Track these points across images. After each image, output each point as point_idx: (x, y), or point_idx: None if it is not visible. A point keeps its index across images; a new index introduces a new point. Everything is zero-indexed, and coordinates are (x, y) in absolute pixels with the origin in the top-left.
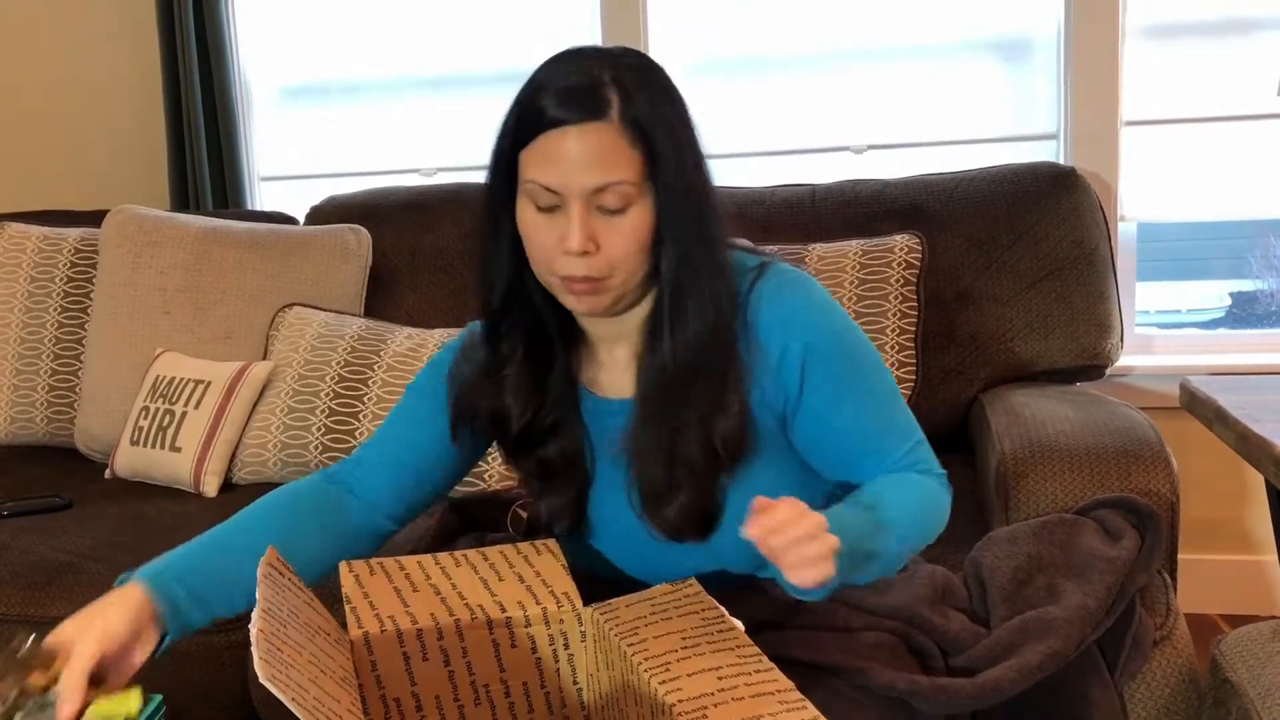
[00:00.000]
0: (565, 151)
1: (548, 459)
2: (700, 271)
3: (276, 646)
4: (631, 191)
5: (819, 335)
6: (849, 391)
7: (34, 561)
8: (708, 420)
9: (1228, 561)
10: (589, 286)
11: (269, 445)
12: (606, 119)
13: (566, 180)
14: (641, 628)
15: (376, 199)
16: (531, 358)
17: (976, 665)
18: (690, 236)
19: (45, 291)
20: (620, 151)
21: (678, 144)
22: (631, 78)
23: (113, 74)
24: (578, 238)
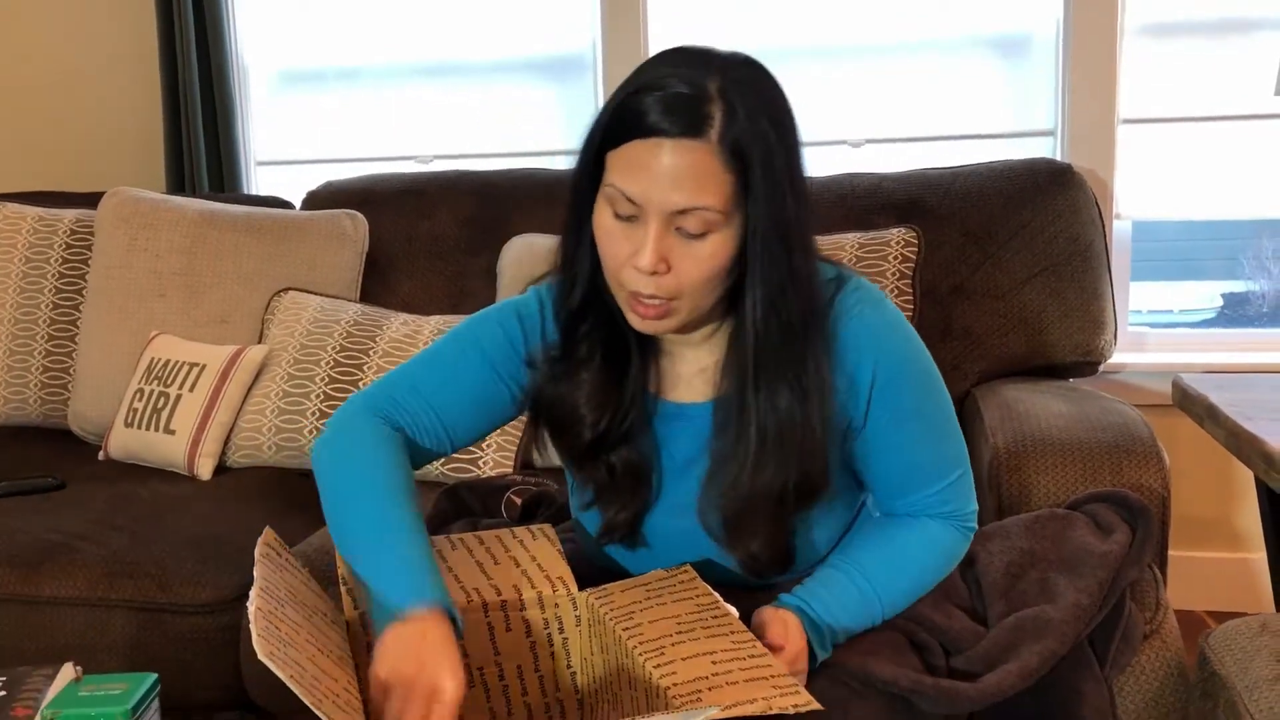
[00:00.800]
0: (655, 164)
1: (614, 468)
2: (785, 312)
3: (274, 625)
4: (715, 219)
5: (893, 360)
6: (910, 420)
7: (27, 541)
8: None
9: (1216, 559)
10: (653, 310)
11: (264, 429)
12: (704, 138)
13: (650, 194)
14: (636, 612)
15: (373, 185)
16: (609, 363)
17: (975, 667)
18: (777, 273)
19: (40, 272)
20: (712, 176)
21: (775, 171)
22: (737, 92)
23: (110, 56)
24: (650, 257)
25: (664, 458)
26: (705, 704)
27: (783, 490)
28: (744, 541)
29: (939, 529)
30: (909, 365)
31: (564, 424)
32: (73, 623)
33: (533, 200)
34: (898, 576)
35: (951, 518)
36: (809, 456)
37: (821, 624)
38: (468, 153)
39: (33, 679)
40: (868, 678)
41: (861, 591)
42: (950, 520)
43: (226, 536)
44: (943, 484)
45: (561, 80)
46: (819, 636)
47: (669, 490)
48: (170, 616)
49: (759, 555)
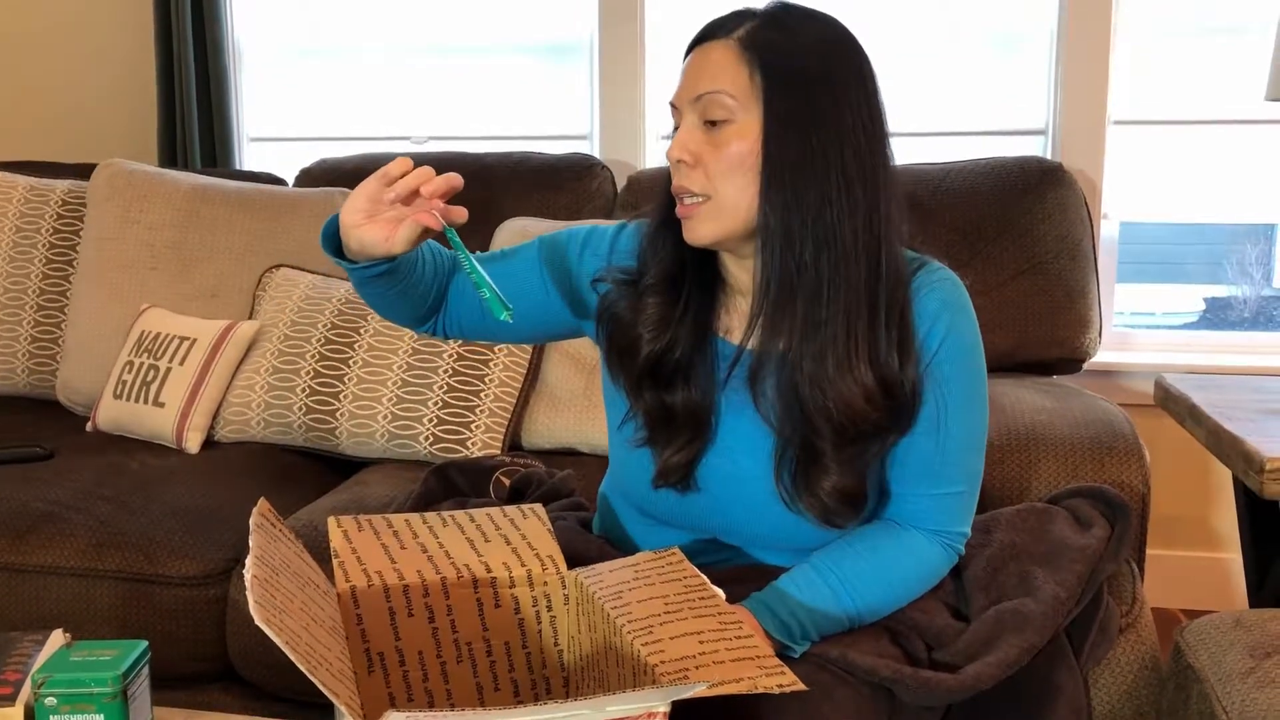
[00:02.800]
0: (688, 67)
1: (673, 405)
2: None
3: (270, 593)
4: (731, 104)
5: (959, 338)
6: (952, 410)
7: (14, 509)
8: (817, 359)
9: (1192, 558)
10: (692, 209)
11: (253, 404)
12: (726, 37)
13: (680, 90)
14: (625, 592)
15: (367, 164)
16: (673, 293)
17: (956, 660)
18: (790, 182)
19: (31, 242)
20: (729, 66)
21: (796, 89)
22: (787, 21)
23: (105, 28)
24: (675, 144)
25: (726, 400)
26: (692, 681)
27: (831, 433)
28: (810, 490)
29: (926, 544)
30: (972, 351)
31: (623, 345)
32: (60, 592)
33: (526, 184)
34: (874, 584)
35: (942, 534)
36: (845, 396)
37: (788, 618)
38: (462, 135)
39: (22, 644)
40: (849, 666)
41: (835, 592)
42: (940, 537)
43: (214, 510)
44: (951, 490)
45: (558, 65)
46: (787, 631)
47: (726, 431)
48: (157, 588)
49: (827, 501)
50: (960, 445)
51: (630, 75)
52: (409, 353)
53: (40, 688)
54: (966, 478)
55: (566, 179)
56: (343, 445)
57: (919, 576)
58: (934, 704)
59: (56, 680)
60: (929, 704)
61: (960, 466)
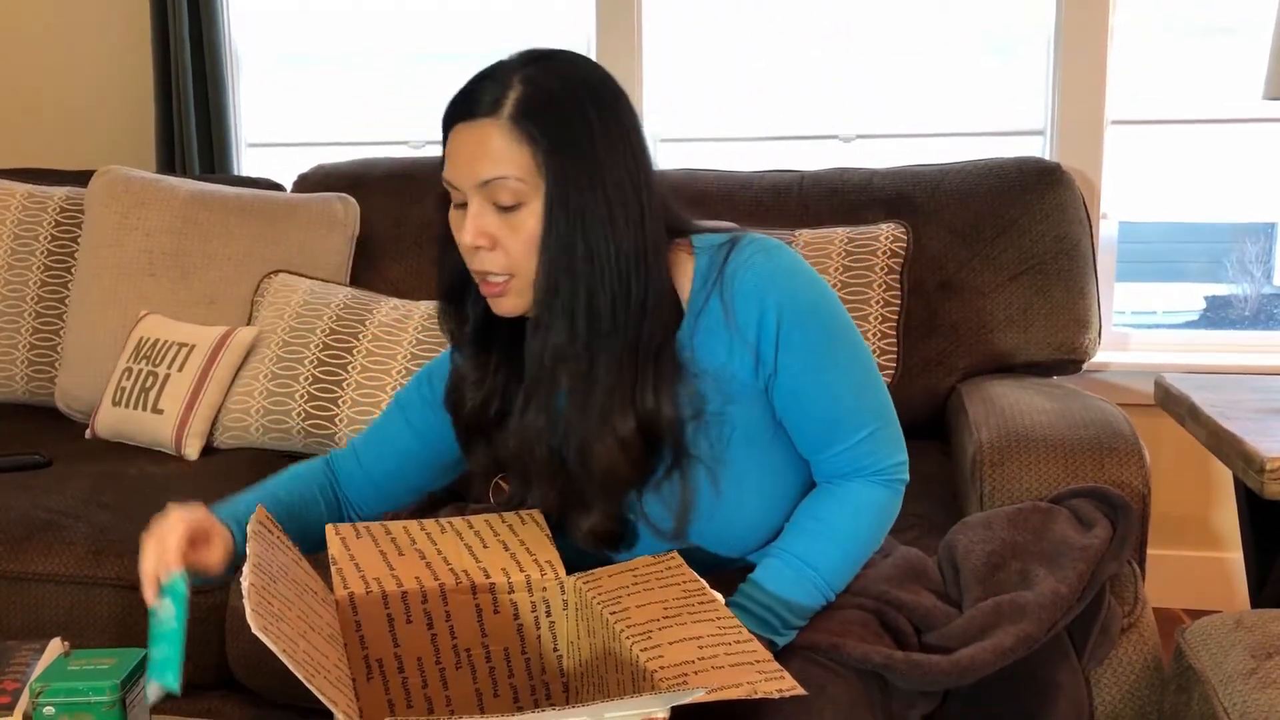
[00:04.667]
0: (458, 146)
1: (501, 456)
2: (575, 285)
3: (267, 600)
4: (522, 188)
5: (795, 301)
6: (823, 365)
7: (13, 518)
8: (583, 428)
9: (1193, 558)
10: (497, 288)
11: (251, 411)
12: (495, 115)
13: (457, 175)
14: (624, 597)
15: (364, 169)
16: (479, 338)
17: (950, 644)
18: (569, 243)
19: (29, 249)
20: (508, 147)
21: (576, 144)
22: (540, 74)
23: (103, 34)
24: (469, 231)
25: None
26: (691, 687)
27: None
28: (575, 528)
29: (864, 490)
30: (811, 306)
31: (453, 412)
32: (59, 600)
33: None
34: (832, 550)
35: (877, 473)
36: (603, 459)
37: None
38: None
39: (21, 653)
40: (840, 658)
41: (798, 572)
42: (876, 476)
43: None
44: (863, 434)
45: None
46: (766, 625)
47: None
48: None
49: (585, 540)
50: (851, 394)
51: (627, 79)
52: (408, 358)
53: (38, 696)
54: (873, 416)
55: None
56: None
57: (868, 524)
58: (927, 688)
59: (55, 689)
60: (922, 688)
61: (860, 410)
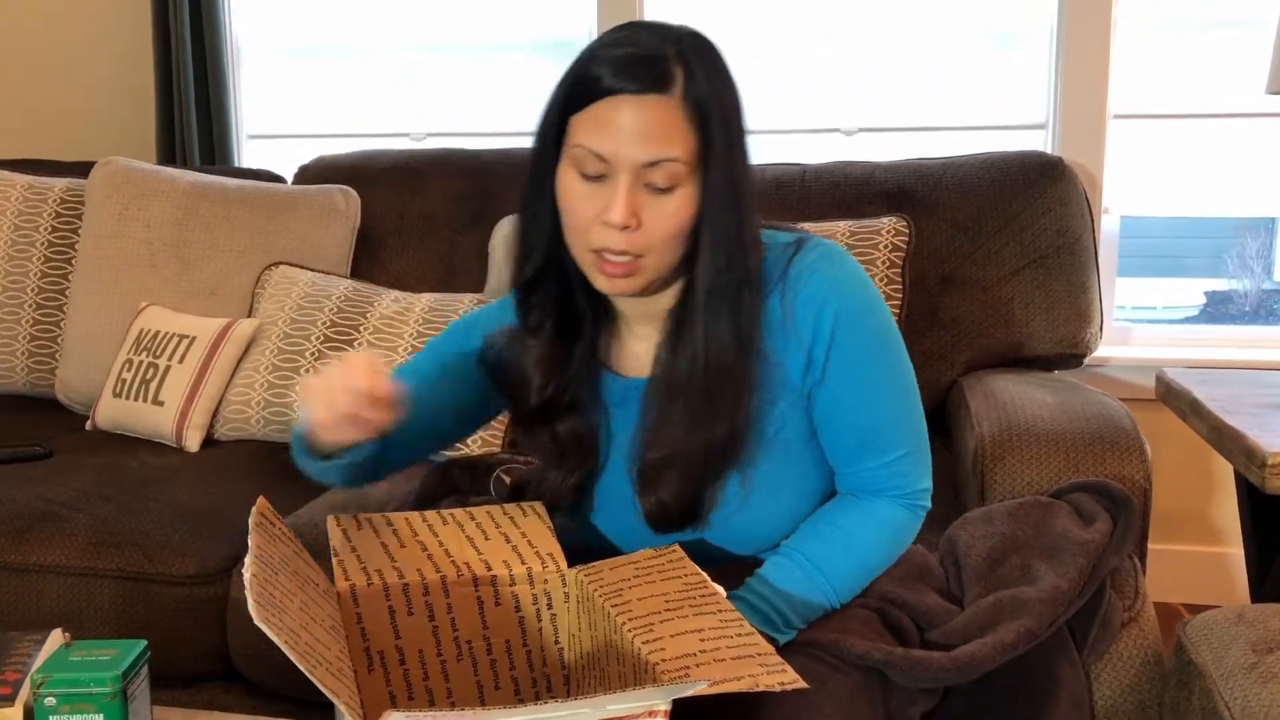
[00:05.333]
0: (621, 120)
1: (559, 436)
2: (735, 271)
3: (269, 592)
4: (682, 171)
5: (851, 308)
6: (870, 376)
7: (14, 509)
8: (716, 420)
9: (1193, 553)
10: (621, 268)
11: (252, 403)
12: (669, 93)
13: (618, 149)
14: (625, 590)
15: (365, 161)
16: (560, 332)
17: (951, 641)
18: (730, 232)
19: (29, 241)
20: (678, 129)
21: (730, 132)
22: (695, 56)
23: (103, 26)
24: (622, 210)
25: (612, 430)
26: (693, 680)
27: (707, 447)
28: (654, 491)
29: (887, 508)
30: (868, 317)
31: (514, 388)
32: (59, 591)
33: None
34: (844, 560)
35: (903, 495)
36: (735, 413)
37: (766, 608)
38: (461, 131)
39: (22, 644)
40: (841, 653)
41: (807, 574)
42: (901, 499)
43: (214, 509)
44: (897, 454)
45: (557, 60)
46: (768, 621)
47: (616, 464)
48: (157, 587)
49: (668, 505)
50: (891, 409)
51: None
52: (409, 350)
53: (39, 688)
54: (909, 437)
55: None
56: None
57: (886, 541)
58: (928, 685)
59: (56, 680)
60: (923, 685)
61: (897, 429)
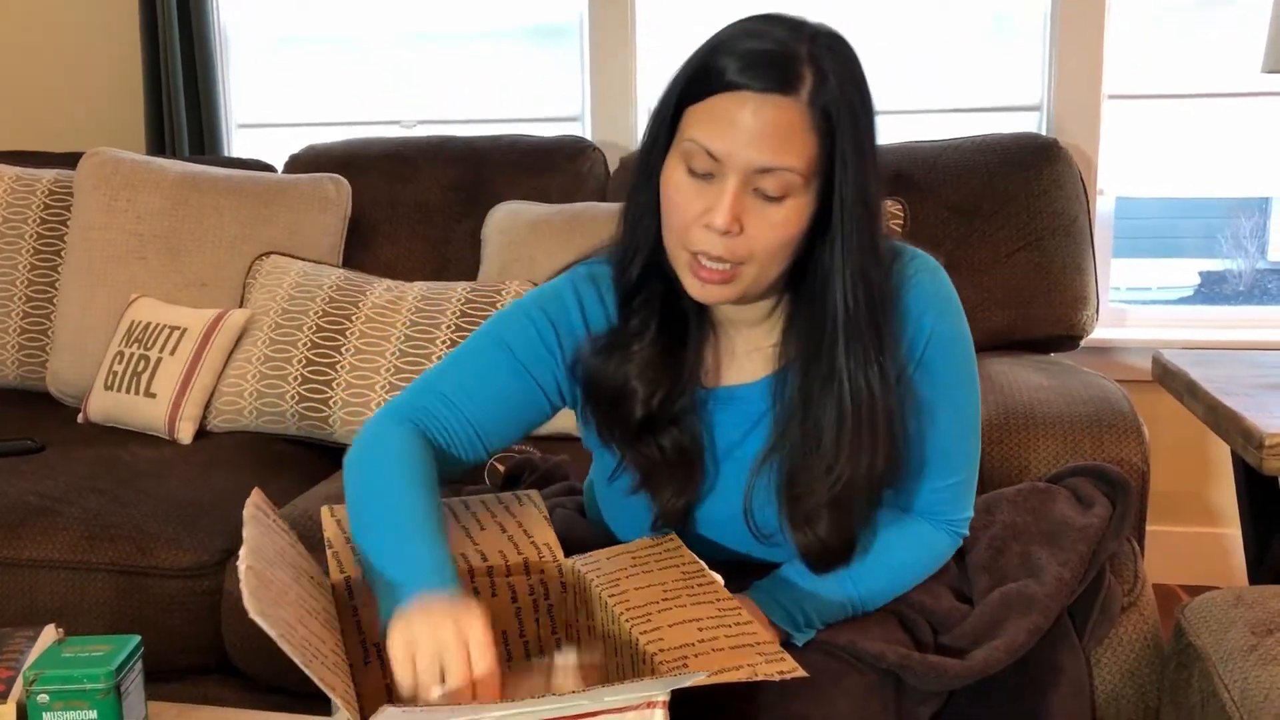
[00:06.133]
0: (740, 119)
1: (665, 450)
2: (873, 294)
3: (264, 584)
4: (796, 182)
5: (946, 328)
6: (946, 394)
7: (6, 503)
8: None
9: (1191, 534)
10: (717, 275)
11: (245, 393)
12: (795, 96)
13: (732, 149)
14: (623, 579)
15: (356, 149)
16: (664, 337)
17: (962, 644)
18: (862, 244)
19: (18, 233)
20: (798, 136)
21: (860, 140)
22: (829, 59)
23: (90, 15)
24: (726, 214)
25: (716, 441)
26: (692, 670)
27: (870, 476)
28: (810, 527)
29: (930, 532)
30: (958, 343)
31: (615, 400)
32: (53, 585)
33: (517, 168)
34: (877, 571)
35: (947, 521)
36: (891, 438)
37: (790, 606)
38: (452, 118)
39: (14, 640)
40: (857, 653)
41: (839, 580)
42: (944, 524)
43: (207, 501)
44: (953, 480)
45: (548, 47)
46: (790, 618)
47: (720, 475)
48: (151, 580)
49: (828, 541)
50: (956, 435)
51: (621, 55)
52: (402, 339)
53: (32, 685)
54: (964, 465)
55: (558, 161)
56: (336, 433)
57: (922, 562)
58: (941, 689)
59: (49, 677)
60: (936, 689)
61: (956, 454)
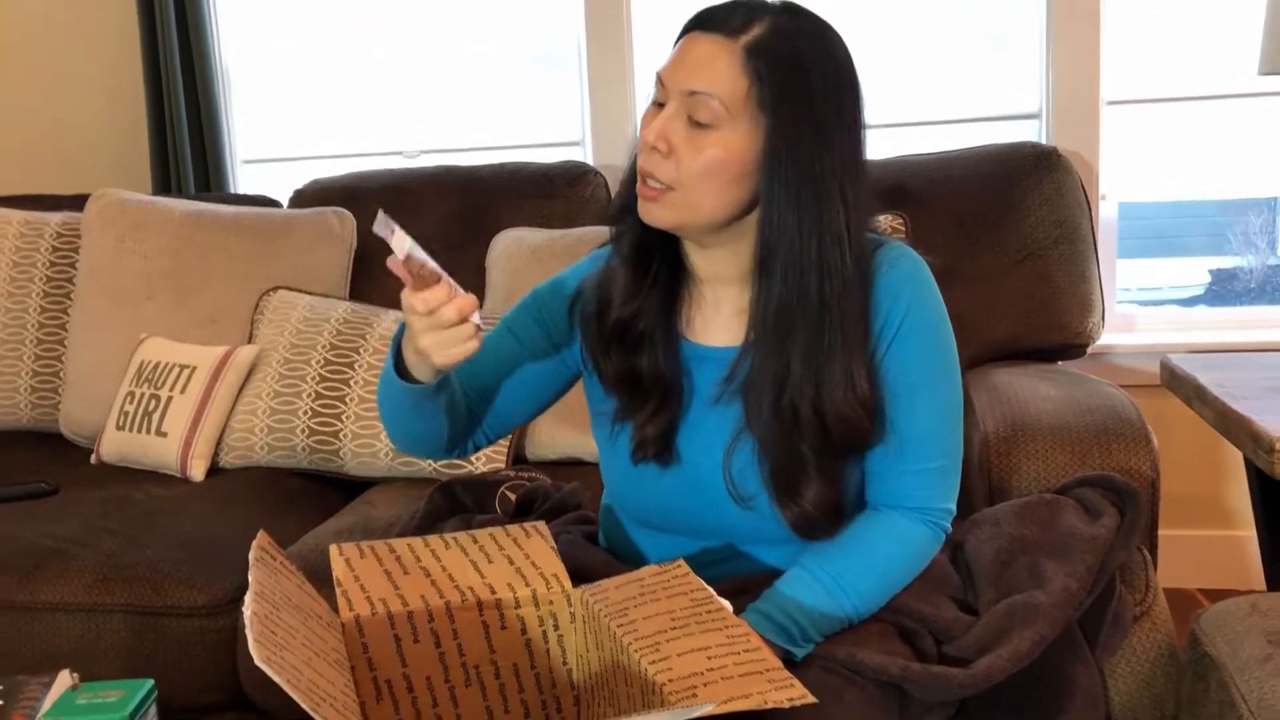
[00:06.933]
0: (685, 51)
1: (638, 368)
2: (800, 235)
3: (270, 629)
4: (720, 111)
5: (922, 311)
6: (921, 376)
7: (21, 548)
8: (817, 382)
9: (1207, 537)
10: (651, 192)
11: (255, 429)
12: (731, 38)
13: (673, 74)
14: (631, 608)
15: (359, 182)
16: (637, 262)
17: (967, 654)
18: (791, 211)
19: (27, 277)
20: (727, 69)
21: (799, 103)
22: (787, 23)
23: (93, 58)
24: (653, 130)
25: (699, 391)
26: (701, 699)
27: (845, 448)
28: (794, 501)
29: (910, 526)
30: (936, 326)
31: (595, 312)
32: (69, 628)
33: (520, 194)
34: (865, 574)
35: (926, 512)
36: (843, 412)
37: (785, 621)
38: (454, 146)
39: (30, 687)
40: (857, 666)
41: (827, 588)
42: (923, 516)
43: (221, 538)
44: (929, 465)
45: (547, 73)
46: (786, 634)
47: (698, 421)
48: (166, 620)
49: (810, 511)
50: (932, 418)
51: (619, 79)
52: None
53: None
54: (944, 452)
55: (560, 186)
56: (347, 466)
57: (907, 559)
58: (945, 699)
59: None
60: (940, 699)
61: (935, 441)
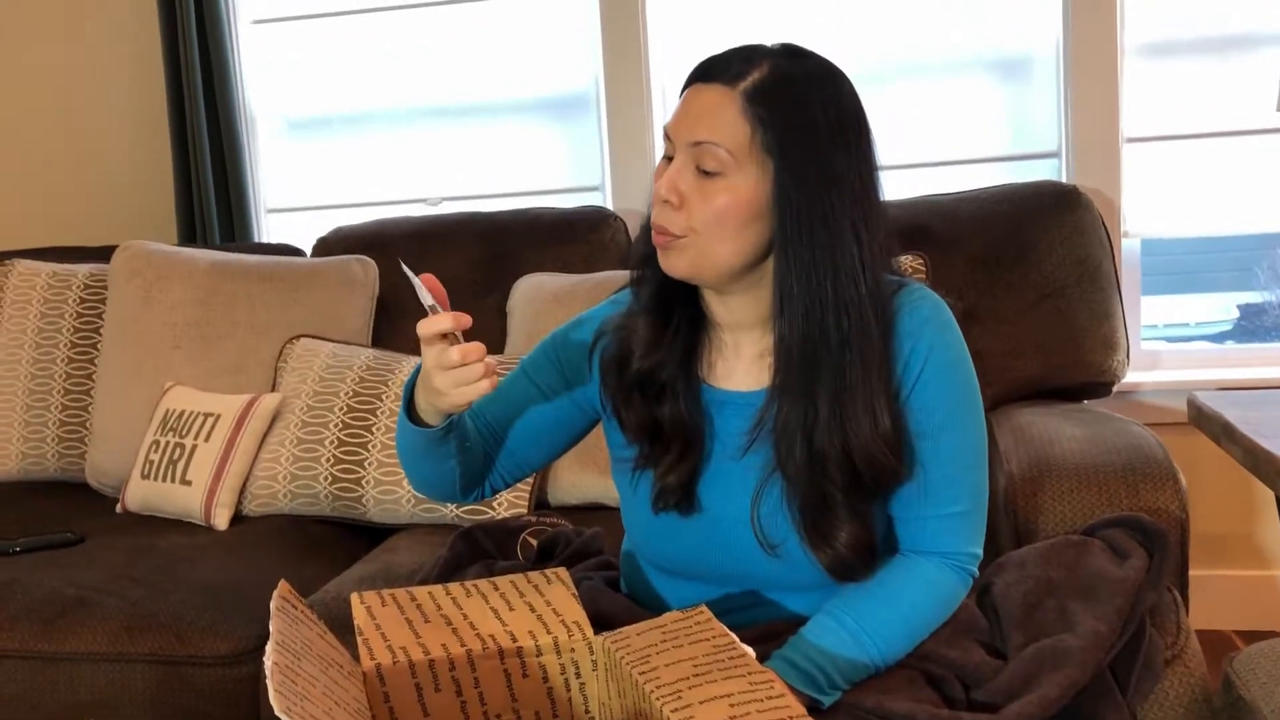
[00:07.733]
0: (688, 104)
1: (659, 417)
2: (816, 273)
3: (291, 679)
4: (726, 159)
5: (944, 353)
6: (944, 418)
7: (46, 596)
8: (844, 419)
9: (1241, 577)
10: (664, 240)
11: (279, 477)
12: (732, 86)
13: (677, 127)
14: (653, 655)
15: (382, 230)
16: (659, 314)
17: (996, 700)
18: (806, 250)
19: (55, 328)
20: (729, 117)
21: (809, 151)
22: (791, 68)
23: (119, 108)
24: (664, 183)
25: (722, 438)
26: None
27: (849, 485)
28: (828, 544)
29: (936, 572)
30: (959, 368)
31: (616, 361)
32: (94, 678)
33: (540, 240)
34: (892, 621)
35: (952, 557)
36: (870, 450)
37: (811, 669)
38: (475, 193)
39: None
40: (886, 715)
41: (853, 634)
42: (949, 561)
43: (244, 586)
44: (954, 509)
45: (565, 120)
46: (812, 682)
47: (721, 468)
48: (190, 669)
49: (844, 553)
50: (957, 462)
51: (638, 123)
52: None
53: None
54: (968, 495)
55: (581, 232)
56: (370, 513)
57: (934, 605)
58: None
59: None
60: None
61: (960, 484)
